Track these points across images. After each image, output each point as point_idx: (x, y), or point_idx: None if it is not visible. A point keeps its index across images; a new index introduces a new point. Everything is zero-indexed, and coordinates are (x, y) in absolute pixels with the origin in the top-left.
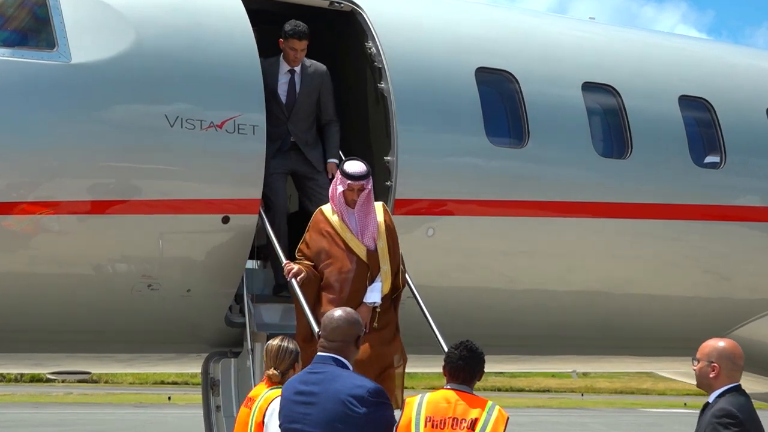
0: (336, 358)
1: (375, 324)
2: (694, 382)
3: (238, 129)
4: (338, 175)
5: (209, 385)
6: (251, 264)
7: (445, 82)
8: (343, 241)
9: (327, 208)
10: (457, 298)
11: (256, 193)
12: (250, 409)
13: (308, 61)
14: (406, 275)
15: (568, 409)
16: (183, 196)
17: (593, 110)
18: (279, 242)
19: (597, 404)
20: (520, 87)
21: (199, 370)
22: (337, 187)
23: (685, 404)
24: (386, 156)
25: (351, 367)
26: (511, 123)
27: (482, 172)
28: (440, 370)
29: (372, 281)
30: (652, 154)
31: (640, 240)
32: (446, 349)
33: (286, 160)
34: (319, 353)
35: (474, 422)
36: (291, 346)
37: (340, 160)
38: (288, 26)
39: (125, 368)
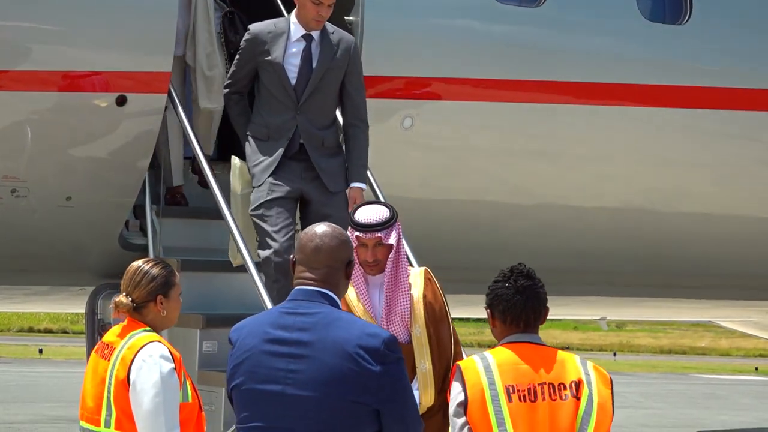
0: (326, 294)
1: None
2: None
3: None
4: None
5: (96, 330)
6: None
7: None
8: None
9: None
10: (442, 213)
11: (165, 63)
12: (108, 360)
13: (330, 26)
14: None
15: None
16: (60, 67)
17: None
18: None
19: (635, 367)
20: None
21: (83, 311)
22: None
23: (756, 369)
24: (347, 15)
25: (341, 307)
26: None
27: (480, 41)
28: None
29: None
30: (719, 17)
31: (700, 137)
32: None
33: (292, 174)
34: (298, 287)
35: (578, 386)
36: (155, 270)
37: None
38: None
39: None
